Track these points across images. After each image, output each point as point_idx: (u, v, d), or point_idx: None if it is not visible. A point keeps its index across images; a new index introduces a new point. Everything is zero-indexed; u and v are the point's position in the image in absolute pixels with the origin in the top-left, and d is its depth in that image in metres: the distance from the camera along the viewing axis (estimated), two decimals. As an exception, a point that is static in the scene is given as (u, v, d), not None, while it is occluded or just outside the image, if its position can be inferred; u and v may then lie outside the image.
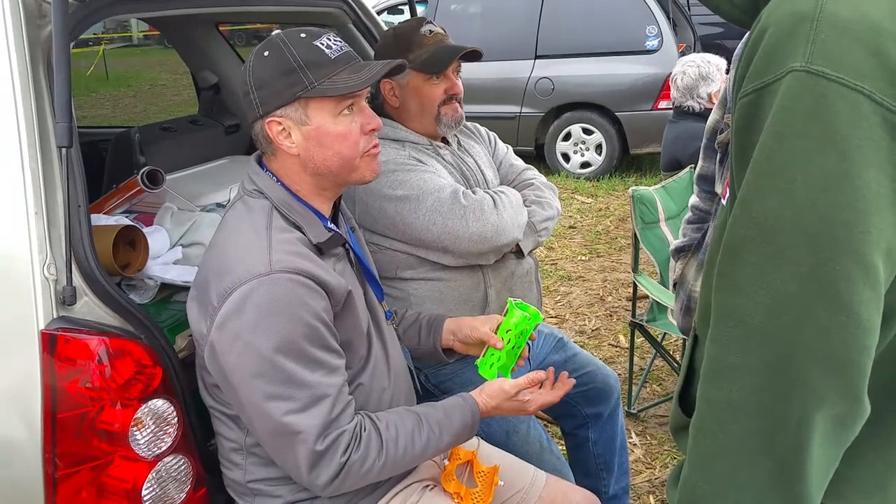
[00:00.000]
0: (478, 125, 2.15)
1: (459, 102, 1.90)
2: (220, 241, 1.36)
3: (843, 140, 0.74)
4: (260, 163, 1.43)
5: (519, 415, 1.50)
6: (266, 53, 1.34)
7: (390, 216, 1.75)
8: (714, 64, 3.44)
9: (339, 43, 1.37)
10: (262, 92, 1.33)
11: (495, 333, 1.59)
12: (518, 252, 1.91)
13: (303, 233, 1.34)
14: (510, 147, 2.17)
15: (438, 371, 1.87)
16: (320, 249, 1.35)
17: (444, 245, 1.75)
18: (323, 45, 1.34)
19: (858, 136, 0.73)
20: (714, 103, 3.39)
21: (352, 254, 1.47)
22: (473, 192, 1.79)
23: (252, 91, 1.34)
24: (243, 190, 1.41)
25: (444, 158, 1.88)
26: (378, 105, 1.90)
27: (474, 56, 1.86)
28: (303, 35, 1.35)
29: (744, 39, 1.90)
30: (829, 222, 0.74)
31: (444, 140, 1.95)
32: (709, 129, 2.03)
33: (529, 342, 1.63)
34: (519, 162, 2.11)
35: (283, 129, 1.34)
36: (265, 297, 1.23)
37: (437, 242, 1.75)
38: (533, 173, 2.08)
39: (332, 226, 1.42)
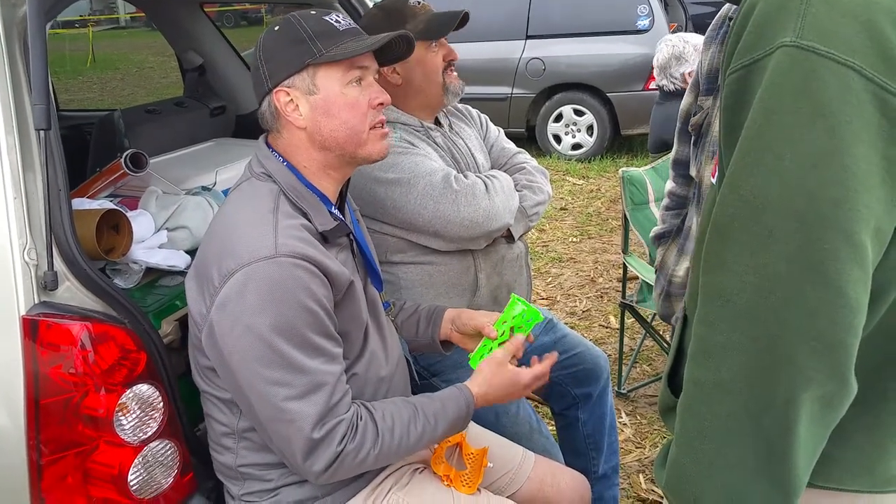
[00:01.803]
0: (469, 107, 2.13)
1: (455, 71, 1.90)
2: (224, 221, 1.34)
3: (833, 116, 0.72)
4: (268, 144, 1.41)
5: (512, 397, 1.49)
6: (277, 28, 1.36)
7: (381, 199, 1.73)
8: (692, 44, 3.42)
9: (348, 19, 1.39)
10: (272, 64, 1.34)
11: (493, 325, 1.58)
12: (509, 236, 1.90)
13: (308, 220, 1.33)
14: (501, 130, 2.16)
15: (429, 353, 1.87)
16: (325, 237, 1.33)
17: (435, 229, 1.74)
18: (332, 19, 1.36)
19: (848, 113, 0.72)
20: (689, 83, 3.38)
21: (355, 244, 1.45)
22: (465, 177, 1.78)
23: (262, 65, 1.35)
24: (250, 171, 1.39)
25: (434, 141, 1.87)
26: None
27: (464, 21, 1.84)
28: (313, 11, 1.37)
29: (713, 23, 1.90)
30: (817, 200, 0.73)
31: (437, 122, 1.93)
32: (682, 113, 2.02)
33: (526, 343, 1.60)
34: (510, 145, 2.10)
35: (291, 100, 1.34)
36: (268, 279, 1.22)
37: (427, 227, 1.74)
38: (524, 157, 2.06)
39: (336, 212, 1.41)
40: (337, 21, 1.35)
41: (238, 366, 1.24)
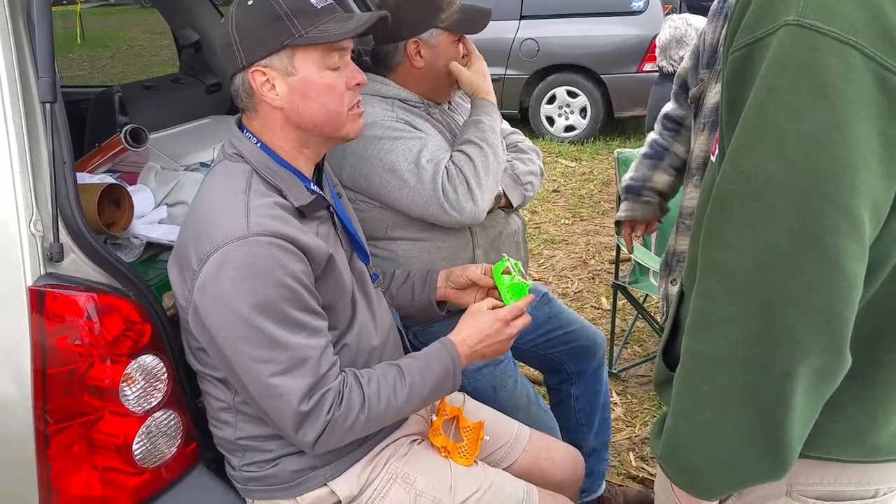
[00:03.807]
0: None
1: None
2: (199, 205, 1.35)
3: (834, 94, 0.74)
4: (241, 127, 1.41)
5: (498, 342, 1.47)
6: (250, 3, 1.32)
7: (375, 187, 1.74)
8: (694, 26, 3.42)
9: None
10: (247, 41, 1.31)
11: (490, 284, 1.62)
12: (507, 206, 1.91)
13: (283, 196, 1.34)
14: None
15: (427, 329, 1.89)
16: (302, 213, 1.34)
17: (429, 220, 1.76)
18: None
19: (849, 91, 0.74)
20: None
21: (336, 217, 1.46)
22: (453, 170, 1.73)
23: (235, 41, 1.32)
24: (224, 153, 1.40)
25: (433, 117, 1.87)
26: (364, 63, 1.88)
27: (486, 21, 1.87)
28: None
29: None
30: (818, 177, 0.75)
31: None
32: (679, 77, 2.06)
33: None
34: (505, 125, 2.10)
35: (267, 80, 1.32)
36: (242, 259, 1.23)
37: (419, 218, 1.76)
38: (518, 137, 2.08)
39: (315, 188, 1.42)
40: None
41: (224, 345, 1.27)
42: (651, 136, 2.18)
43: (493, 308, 1.49)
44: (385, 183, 1.73)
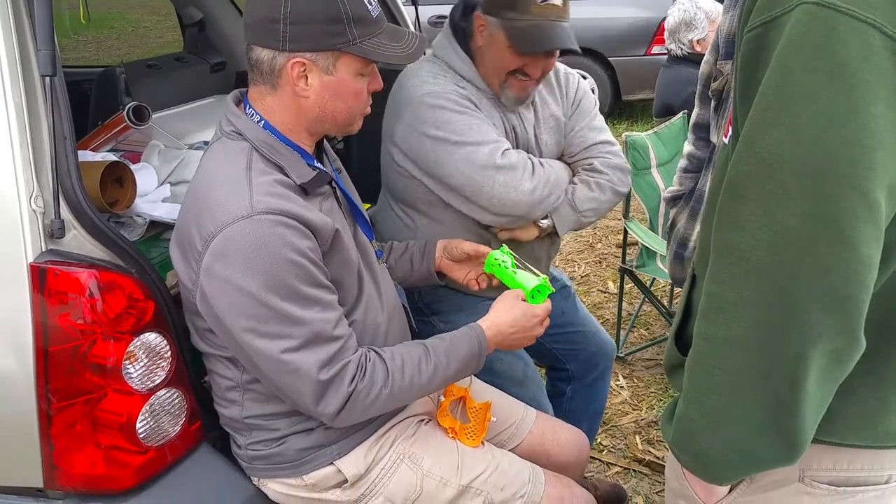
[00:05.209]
0: (571, 74, 1.99)
1: (538, 81, 1.78)
2: (200, 185, 1.33)
3: (852, 74, 0.72)
4: (239, 102, 1.39)
5: (526, 334, 1.48)
6: None
7: (425, 150, 1.72)
8: (703, 10, 3.37)
9: (376, 0, 1.36)
10: (298, 28, 1.27)
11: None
12: (553, 233, 1.85)
13: (284, 173, 1.32)
14: (597, 107, 1.99)
15: (433, 290, 1.87)
16: (305, 189, 1.33)
17: (466, 195, 1.73)
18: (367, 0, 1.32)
19: (867, 70, 0.72)
20: (697, 50, 3.35)
21: (339, 192, 1.45)
22: (513, 153, 1.70)
23: (284, 22, 1.26)
24: (221, 131, 1.38)
25: (502, 112, 1.81)
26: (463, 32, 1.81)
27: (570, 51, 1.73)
28: None
29: None
30: (834, 158, 0.73)
31: None
32: (702, 76, 1.98)
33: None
34: (594, 134, 1.90)
35: (304, 71, 1.30)
36: (248, 239, 1.22)
37: (459, 189, 1.72)
38: (602, 150, 1.89)
39: (317, 164, 1.40)
40: (369, 3, 1.32)
41: (234, 326, 1.25)
42: (687, 148, 2.02)
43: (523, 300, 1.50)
44: (435, 147, 1.70)
